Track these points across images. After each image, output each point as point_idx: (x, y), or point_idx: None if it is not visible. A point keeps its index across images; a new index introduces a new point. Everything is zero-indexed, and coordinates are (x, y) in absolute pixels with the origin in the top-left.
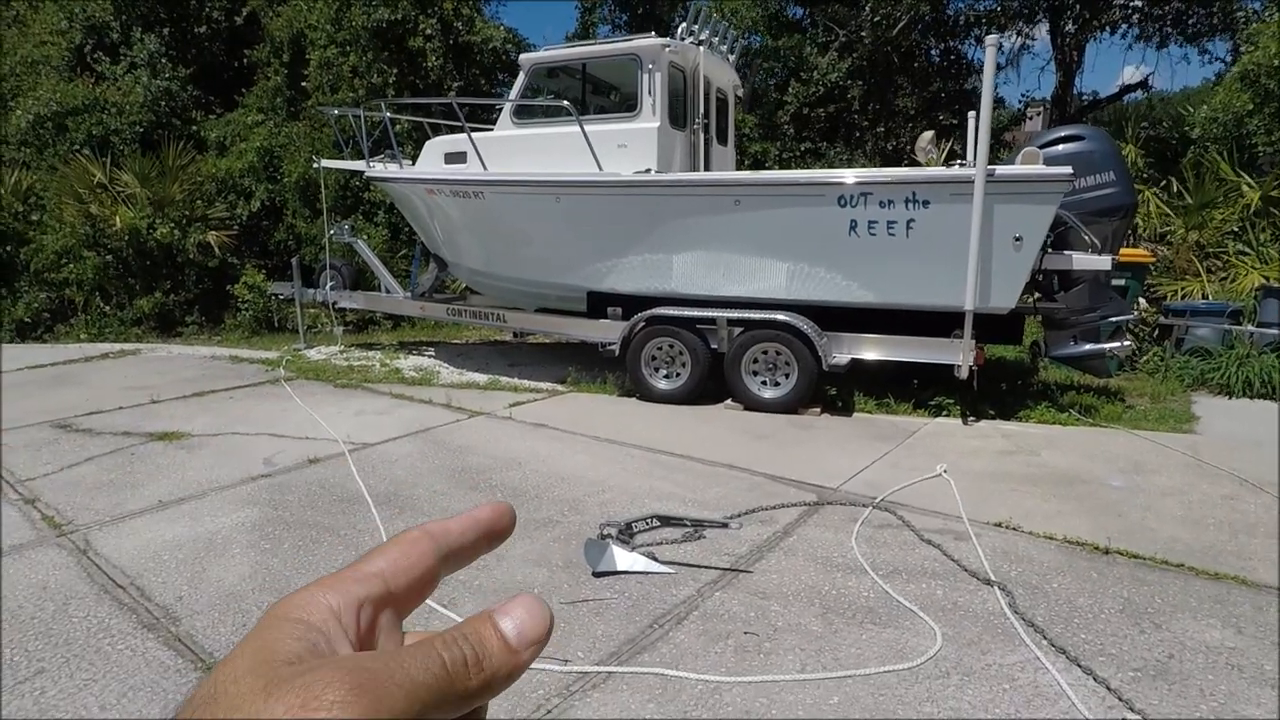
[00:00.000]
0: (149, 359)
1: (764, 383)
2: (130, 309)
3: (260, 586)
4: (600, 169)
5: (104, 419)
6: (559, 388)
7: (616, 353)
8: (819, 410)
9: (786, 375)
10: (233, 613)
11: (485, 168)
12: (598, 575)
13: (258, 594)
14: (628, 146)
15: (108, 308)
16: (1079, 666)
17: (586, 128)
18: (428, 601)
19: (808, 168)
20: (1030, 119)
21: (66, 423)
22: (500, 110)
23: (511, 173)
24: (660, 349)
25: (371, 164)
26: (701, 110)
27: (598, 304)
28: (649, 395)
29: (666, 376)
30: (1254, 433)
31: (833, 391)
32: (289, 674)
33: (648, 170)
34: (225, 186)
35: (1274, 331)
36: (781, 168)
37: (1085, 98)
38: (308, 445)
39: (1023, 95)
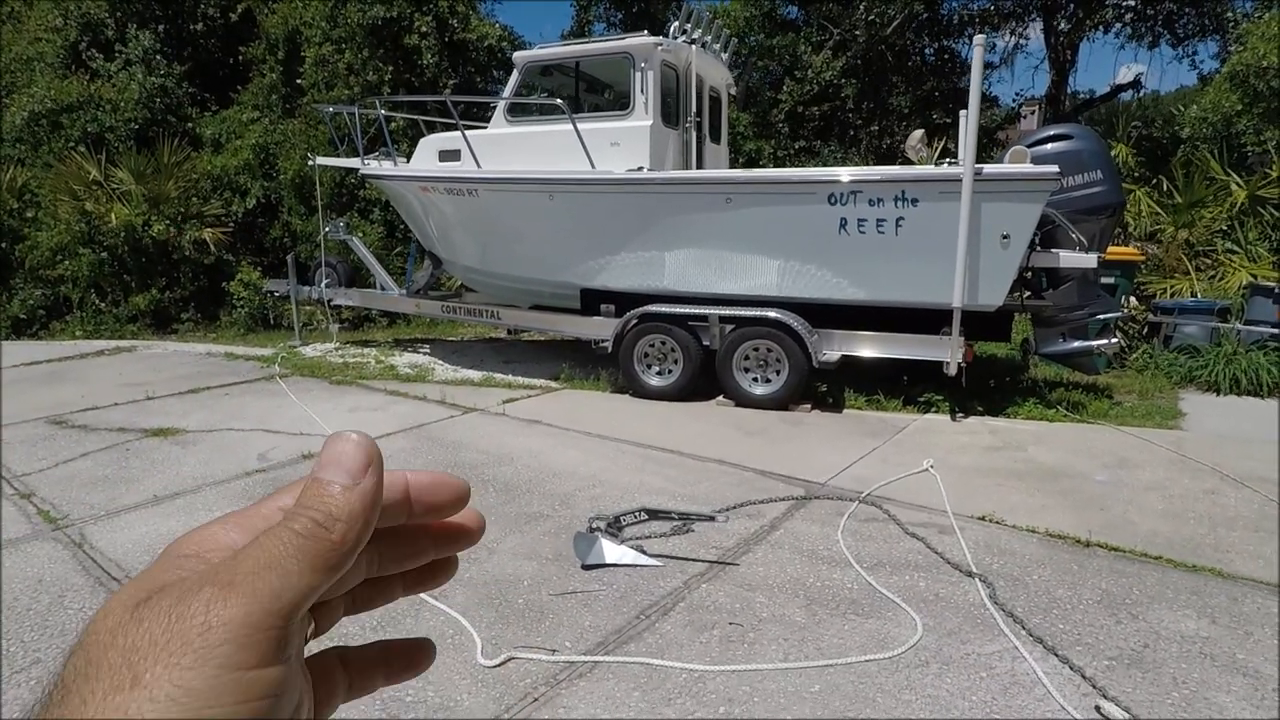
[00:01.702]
0: (144, 356)
1: (755, 379)
2: (125, 306)
3: None
4: (593, 167)
5: (99, 415)
6: (552, 384)
7: (609, 349)
8: (809, 407)
9: (777, 372)
10: None
11: (479, 165)
12: (586, 568)
13: None
14: (620, 144)
15: (103, 305)
16: (1055, 655)
17: (580, 126)
18: (421, 595)
19: (802, 166)
20: (1025, 118)
21: (62, 419)
22: (494, 108)
23: (505, 170)
24: (653, 346)
25: (366, 161)
26: (694, 108)
27: (591, 301)
28: (641, 392)
29: (659, 373)
30: (1239, 429)
31: (823, 388)
32: (158, 596)
33: (640, 168)
34: (220, 184)
35: (1261, 329)
36: (776, 166)
37: (1081, 96)
38: (302, 441)
39: (1017, 94)
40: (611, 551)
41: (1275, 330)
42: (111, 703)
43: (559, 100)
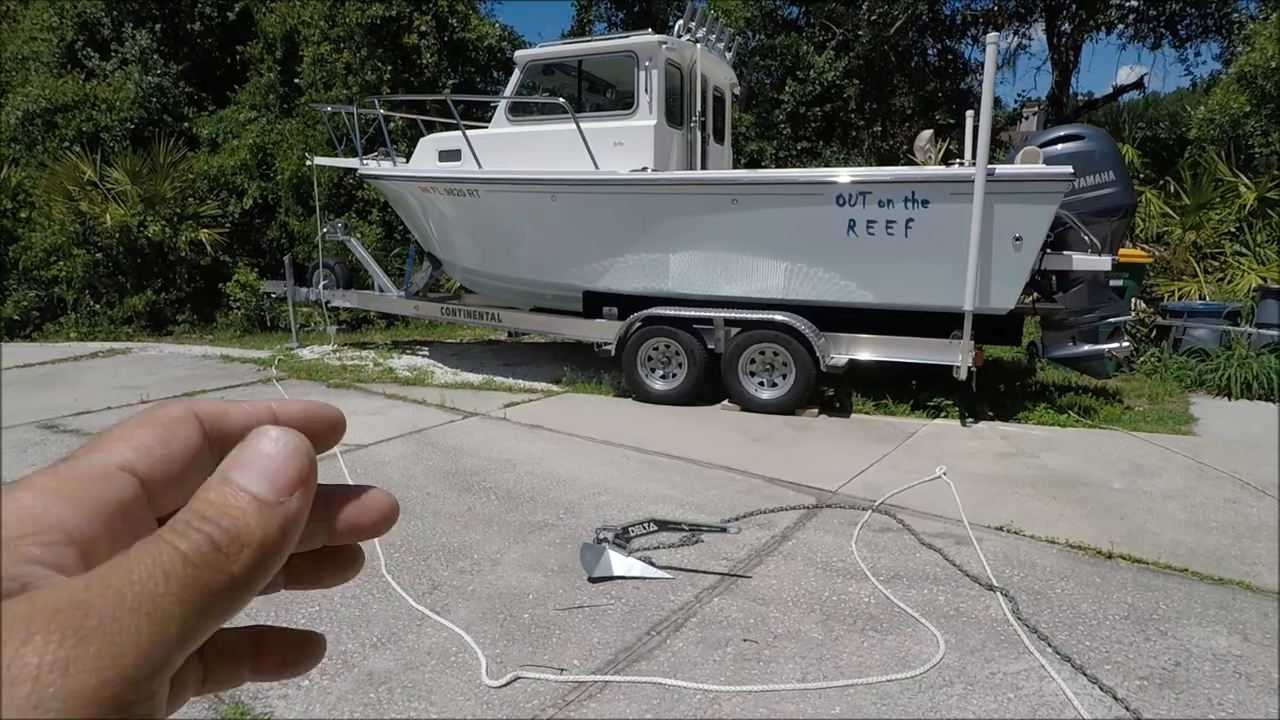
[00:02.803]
0: (140, 358)
1: (761, 383)
2: (121, 307)
3: None
4: (596, 167)
5: (92, 419)
6: (554, 388)
7: (612, 353)
8: (817, 411)
9: (784, 376)
10: None
11: (480, 165)
12: (594, 580)
13: None
14: (624, 144)
15: (98, 306)
16: (1085, 675)
17: (582, 125)
18: (420, 607)
19: (804, 167)
20: (1026, 119)
21: (54, 423)
22: (495, 107)
23: (506, 171)
24: (657, 349)
25: (365, 161)
26: (698, 108)
27: (594, 303)
28: (645, 396)
29: (663, 377)
30: (1253, 434)
31: (830, 392)
32: None
33: (644, 168)
34: (217, 184)
35: (1272, 333)
36: (778, 167)
37: (1081, 98)
38: None
39: (1019, 95)
40: (619, 563)
41: None
42: None
43: (561, 99)
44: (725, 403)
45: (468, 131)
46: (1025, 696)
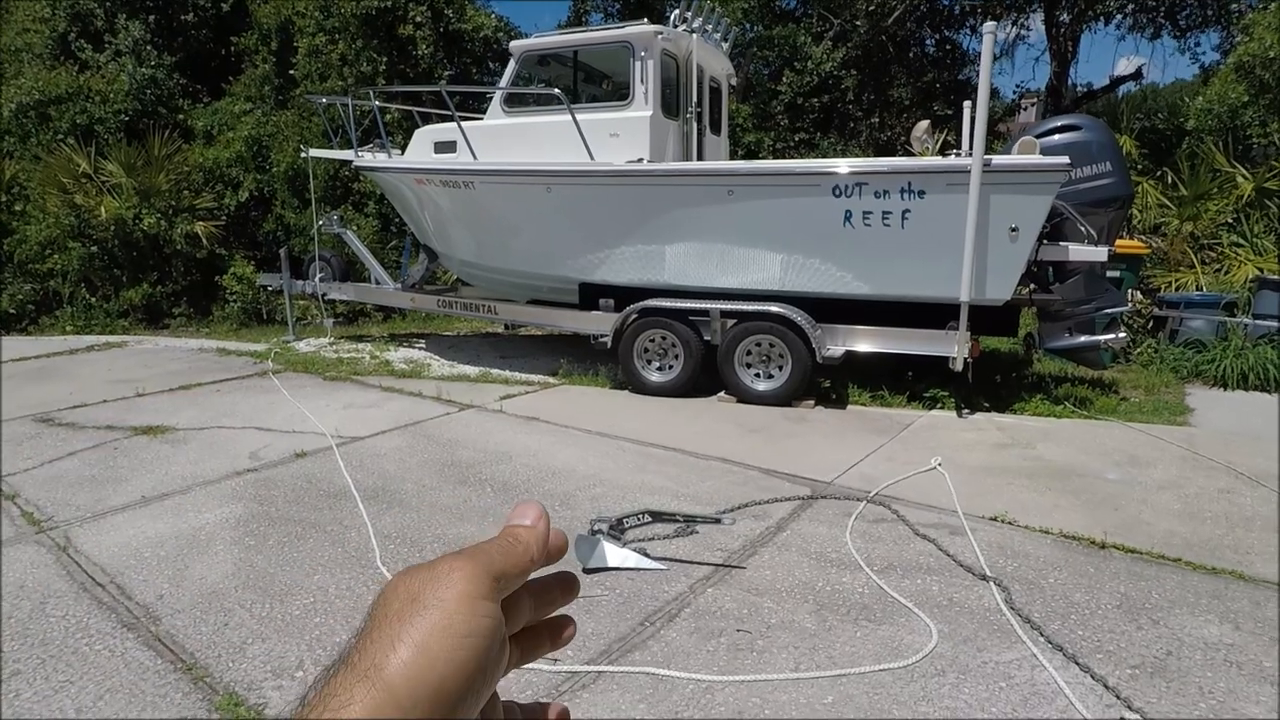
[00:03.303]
0: (135, 351)
1: (757, 375)
2: (117, 300)
3: (244, 584)
4: (592, 158)
5: (88, 413)
6: (550, 380)
7: (609, 345)
8: (812, 403)
9: (780, 367)
10: (215, 611)
11: (475, 157)
12: (588, 571)
13: (240, 592)
14: (620, 135)
15: (94, 299)
16: (1076, 664)
17: (578, 116)
18: None
19: (802, 158)
20: (1024, 110)
21: (49, 416)
22: (491, 99)
23: (502, 162)
24: (653, 341)
25: (360, 153)
26: (695, 99)
27: (590, 295)
28: (641, 388)
29: (659, 369)
30: (1249, 425)
31: (826, 384)
32: (417, 566)
33: (640, 160)
34: (213, 176)
35: (1268, 323)
36: (775, 158)
37: (1080, 89)
38: (295, 439)
39: (1017, 86)
40: (614, 554)
41: None
42: (404, 611)
43: (557, 90)
44: (721, 394)
45: (463, 123)
46: (1017, 685)
